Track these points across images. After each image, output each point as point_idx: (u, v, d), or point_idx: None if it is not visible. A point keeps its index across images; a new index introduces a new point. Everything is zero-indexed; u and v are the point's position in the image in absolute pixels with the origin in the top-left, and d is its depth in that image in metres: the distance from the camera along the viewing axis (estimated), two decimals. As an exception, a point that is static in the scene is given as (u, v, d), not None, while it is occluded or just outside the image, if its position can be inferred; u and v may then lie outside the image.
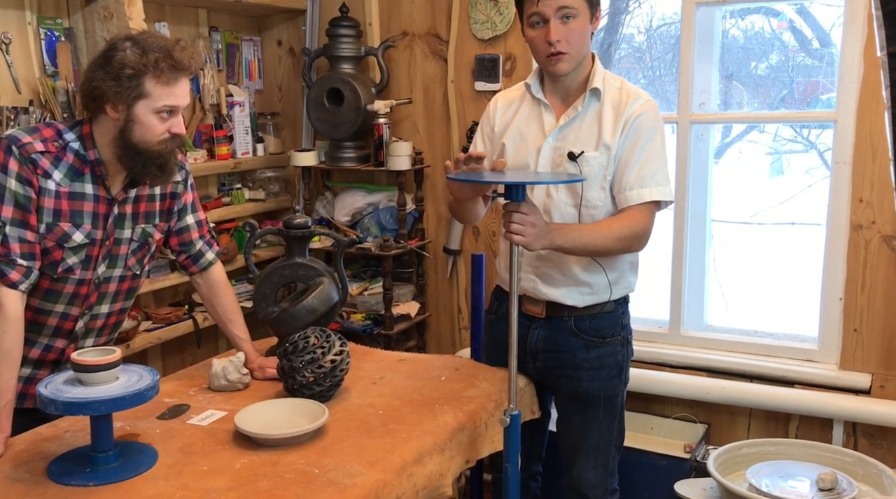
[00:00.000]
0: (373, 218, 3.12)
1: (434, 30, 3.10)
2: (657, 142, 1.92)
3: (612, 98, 1.94)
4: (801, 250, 3.28)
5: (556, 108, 1.99)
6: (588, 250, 1.89)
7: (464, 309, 3.24)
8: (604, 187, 1.93)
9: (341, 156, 3.14)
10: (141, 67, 1.65)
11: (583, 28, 1.86)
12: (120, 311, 1.95)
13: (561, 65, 1.88)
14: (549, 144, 1.96)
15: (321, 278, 2.18)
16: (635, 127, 1.90)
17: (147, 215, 1.91)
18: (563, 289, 2.00)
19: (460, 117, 3.09)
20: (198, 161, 2.98)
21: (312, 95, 3.09)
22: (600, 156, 1.91)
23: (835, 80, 2.51)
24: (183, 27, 3.06)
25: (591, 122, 1.94)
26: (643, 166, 1.90)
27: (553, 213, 1.96)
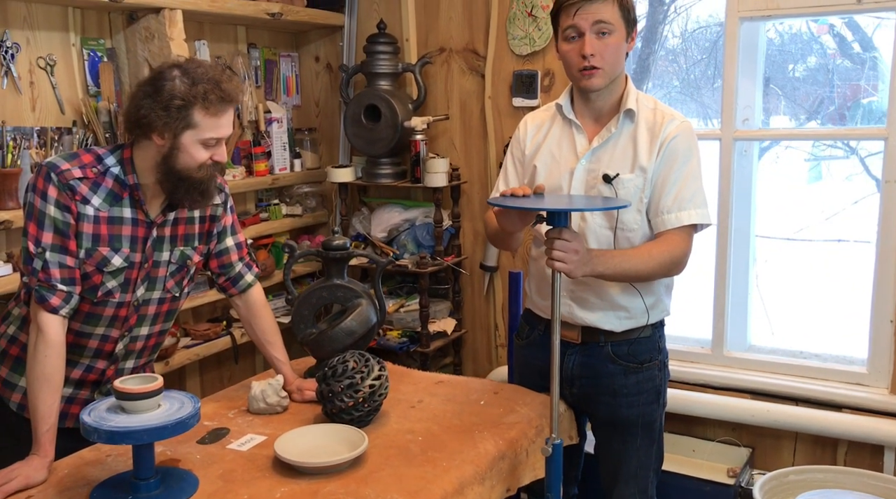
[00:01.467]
0: (409, 234, 3.11)
1: (472, 45, 3.08)
2: (694, 163, 1.88)
3: (646, 119, 1.89)
4: (848, 269, 3.19)
5: (589, 129, 1.94)
6: (629, 277, 1.85)
7: (500, 326, 3.21)
8: (640, 210, 1.89)
9: (378, 172, 3.14)
10: (191, 98, 1.66)
11: (618, 45, 1.82)
12: (159, 333, 1.96)
13: (594, 79, 1.83)
14: (582, 166, 1.92)
15: (360, 300, 2.17)
16: (671, 149, 1.86)
17: (186, 238, 1.91)
18: (599, 313, 1.96)
19: (497, 133, 3.07)
20: (236, 178, 3.00)
21: (350, 112, 3.09)
22: (636, 178, 1.87)
23: (877, 84, 2.43)
24: (222, 44, 3.09)
25: (625, 144, 1.90)
26: (681, 189, 1.86)
27: (588, 236, 1.92)
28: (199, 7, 2.62)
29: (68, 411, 1.85)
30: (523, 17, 2.91)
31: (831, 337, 2.94)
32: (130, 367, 1.93)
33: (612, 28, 1.81)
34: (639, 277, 1.86)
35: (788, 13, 2.54)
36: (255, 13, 2.87)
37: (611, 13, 1.80)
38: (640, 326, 1.97)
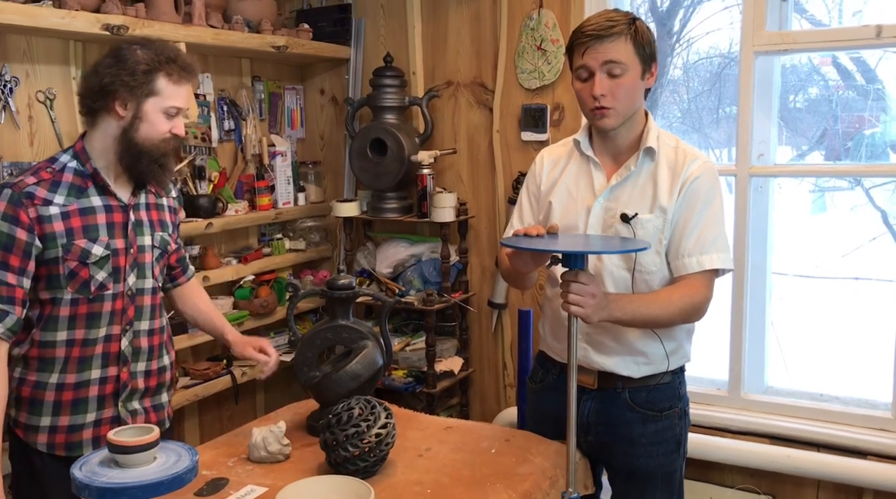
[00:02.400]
0: (415, 270, 3.05)
1: (479, 79, 3.05)
2: (716, 206, 1.81)
3: (667, 158, 1.83)
4: (869, 307, 3.11)
5: (607, 166, 1.88)
6: (647, 323, 1.78)
7: (509, 366, 3.12)
8: (659, 252, 1.82)
9: (384, 206, 3.08)
10: (155, 65, 1.73)
11: (632, 84, 1.76)
12: (160, 329, 1.98)
13: (606, 120, 1.78)
14: (599, 204, 1.86)
15: (365, 342, 2.09)
16: (693, 190, 1.79)
17: (162, 224, 1.96)
18: (616, 358, 1.89)
19: (506, 167, 3.02)
20: (238, 212, 2.94)
21: (355, 146, 3.05)
22: (656, 219, 1.81)
23: (880, 115, 2.38)
24: (226, 77, 3.06)
25: (645, 183, 1.83)
26: (702, 232, 1.79)
27: (605, 277, 1.85)
28: (203, 40, 2.58)
29: (98, 435, 1.86)
30: (532, 50, 2.88)
31: (852, 379, 2.85)
32: (143, 370, 1.92)
33: (625, 68, 1.74)
34: (658, 323, 1.79)
35: (805, 48, 2.50)
36: (260, 46, 2.84)
37: (623, 52, 1.74)
38: (659, 372, 1.89)
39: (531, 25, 2.87)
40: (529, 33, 2.87)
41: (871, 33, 2.36)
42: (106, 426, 1.84)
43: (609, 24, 1.74)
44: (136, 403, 1.93)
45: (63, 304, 1.80)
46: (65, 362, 1.82)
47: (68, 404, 1.84)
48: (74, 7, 2.16)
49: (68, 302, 1.80)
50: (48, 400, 1.82)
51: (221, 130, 3.01)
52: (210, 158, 2.91)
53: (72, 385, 1.83)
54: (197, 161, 2.84)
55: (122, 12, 2.29)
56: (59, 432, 1.84)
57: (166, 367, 2.01)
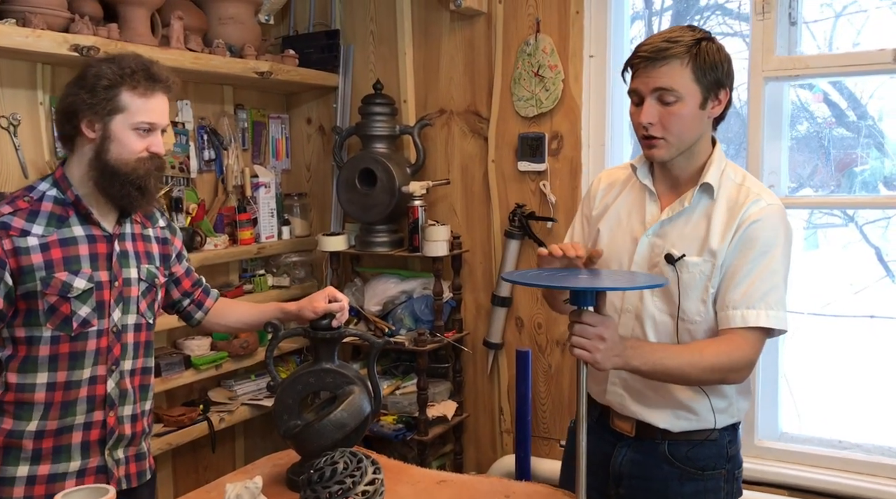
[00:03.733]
0: (406, 308, 2.89)
1: (474, 107, 2.93)
2: (775, 256, 1.59)
3: (727, 196, 1.63)
4: (884, 347, 2.97)
5: (664, 197, 1.70)
6: (672, 377, 1.60)
7: (506, 410, 2.96)
8: (705, 301, 1.63)
9: (373, 240, 2.94)
10: (117, 79, 1.62)
11: (688, 113, 1.57)
12: (143, 370, 1.84)
13: (655, 151, 1.61)
14: (647, 238, 1.68)
15: (351, 387, 1.93)
16: (749, 235, 1.58)
17: (148, 256, 1.83)
18: (655, 410, 1.70)
19: (501, 199, 2.89)
20: (218, 247, 2.79)
21: (343, 176, 2.92)
22: (703, 263, 1.61)
23: (870, 152, 2.35)
24: (207, 105, 2.93)
25: (698, 222, 1.63)
26: (753, 283, 1.57)
27: (645, 320, 1.68)
28: (181, 64, 2.46)
29: (83, 483, 1.70)
30: (529, 77, 2.77)
31: (871, 424, 2.70)
32: (129, 414, 1.79)
33: (679, 96, 1.56)
34: (684, 379, 1.60)
35: (817, 73, 2.40)
36: (243, 72, 2.72)
37: (678, 79, 1.55)
38: (703, 429, 1.70)
39: (528, 51, 2.76)
40: (526, 59, 2.77)
41: (887, 57, 2.27)
42: (91, 477, 1.72)
43: (665, 47, 1.55)
44: (122, 451, 1.78)
45: (42, 342, 1.66)
46: (45, 408, 1.67)
47: (49, 452, 1.69)
48: (40, 26, 2.03)
49: (48, 340, 1.66)
50: (26, 449, 1.67)
51: (201, 159, 2.88)
52: (188, 189, 2.77)
53: (53, 432, 1.69)
54: (174, 192, 2.70)
55: (94, 32, 2.16)
56: (38, 482, 1.68)
57: (147, 412, 1.86)
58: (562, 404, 2.86)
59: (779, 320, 1.59)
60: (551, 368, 2.86)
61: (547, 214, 2.80)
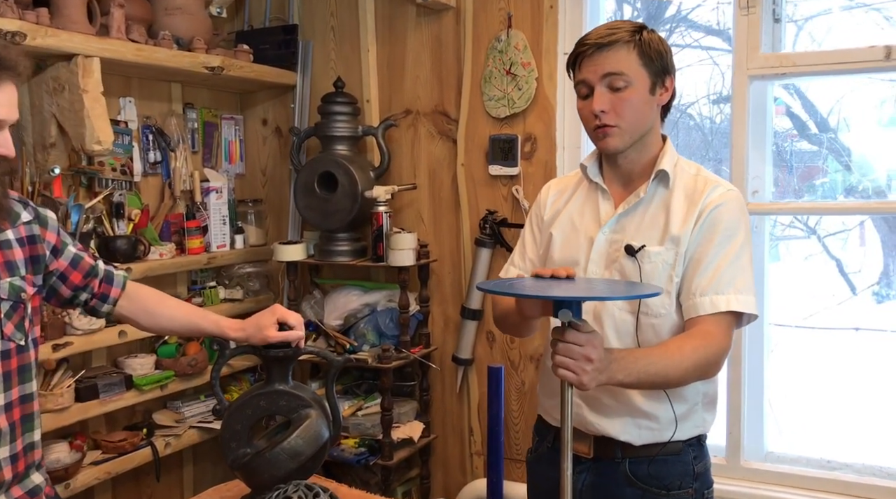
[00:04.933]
0: (369, 322, 2.72)
1: (441, 107, 2.79)
2: (739, 240, 1.55)
3: (684, 185, 1.60)
4: (870, 360, 2.88)
5: (616, 194, 1.66)
6: (655, 383, 1.50)
7: (477, 431, 2.80)
8: (669, 292, 1.56)
9: (333, 249, 2.77)
10: None
11: (638, 98, 1.55)
12: (21, 400, 1.52)
13: (609, 139, 1.57)
14: (604, 235, 1.62)
15: (308, 411, 1.75)
16: (713, 219, 1.55)
17: (8, 266, 1.50)
18: (615, 420, 1.61)
19: (472, 205, 2.75)
20: (164, 257, 2.59)
21: (301, 180, 2.74)
22: (666, 252, 1.56)
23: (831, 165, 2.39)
24: (153, 103, 2.74)
25: (656, 212, 1.60)
26: (720, 268, 1.53)
27: (605, 320, 1.60)
28: (122, 56, 2.27)
29: None
30: (501, 75, 2.63)
31: (860, 442, 2.60)
32: (7, 456, 1.48)
33: (629, 80, 1.53)
34: (668, 382, 1.50)
35: (805, 71, 2.30)
36: (192, 66, 2.53)
37: (625, 62, 1.53)
38: (664, 440, 1.60)
39: (499, 48, 2.63)
40: (497, 56, 2.63)
41: (878, 55, 2.17)
42: None
43: (609, 33, 1.54)
44: (3, 496, 1.52)
45: None
46: None
47: None
48: (-45, 7, 1.83)
49: None
50: None
51: (146, 162, 2.68)
52: (131, 194, 2.57)
53: None
54: (115, 197, 2.50)
55: (20, 16, 1.97)
56: None
57: (35, 443, 1.56)
58: (536, 424, 2.71)
59: (748, 304, 1.54)
60: (525, 386, 2.71)
61: (520, 221, 2.65)
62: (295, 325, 1.72)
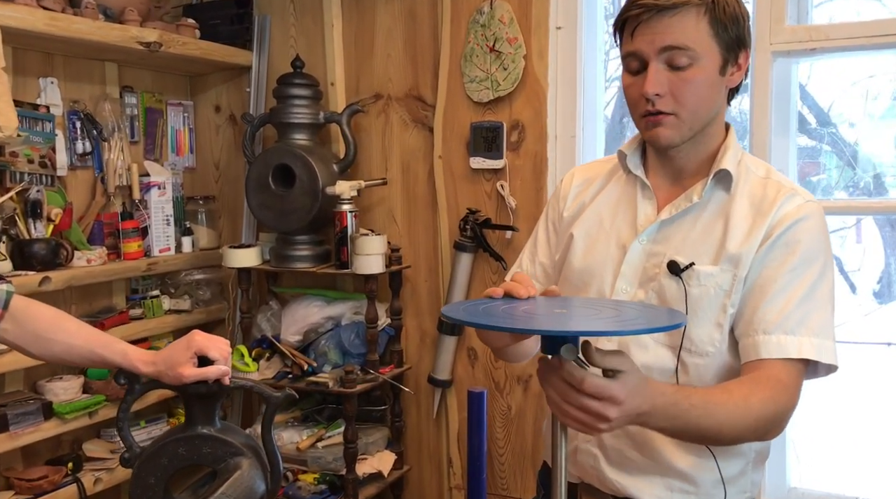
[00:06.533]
0: (332, 338, 2.40)
1: (416, 91, 2.47)
2: (818, 267, 1.23)
3: (751, 191, 1.27)
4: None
5: (662, 193, 1.32)
6: (704, 439, 1.17)
7: (456, 462, 2.49)
8: (721, 325, 1.23)
9: (291, 254, 2.45)
10: None
11: (704, 80, 1.21)
12: None
13: (661, 131, 1.24)
14: (640, 244, 1.29)
15: (238, 460, 1.45)
16: (788, 238, 1.22)
17: None
18: (641, 479, 1.29)
19: (450, 203, 2.43)
20: (92, 262, 2.27)
21: (254, 174, 2.42)
22: (721, 273, 1.23)
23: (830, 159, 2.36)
24: (82, 85, 2.41)
25: (711, 222, 1.26)
26: (792, 300, 1.20)
27: (634, 353, 1.25)
28: (30, 25, 1.94)
29: None
30: (483, 53, 2.31)
31: (891, 475, 2.30)
32: None
33: (695, 56, 1.19)
34: (719, 439, 1.16)
35: (837, 45, 1.98)
36: (122, 41, 2.21)
37: (693, 33, 1.19)
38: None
39: (481, 21, 2.31)
40: (479, 31, 2.31)
41: (928, 26, 1.86)
42: None
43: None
44: None
45: None
46: None
47: None
48: None
49: None
50: None
51: (72, 153, 2.35)
52: (52, 190, 2.24)
53: None
54: (32, 193, 2.17)
55: None
56: None
57: None
58: (524, 455, 2.40)
59: (826, 351, 1.20)
60: (511, 411, 2.40)
61: (506, 222, 2.34)
62: (217, 358, 1.40)
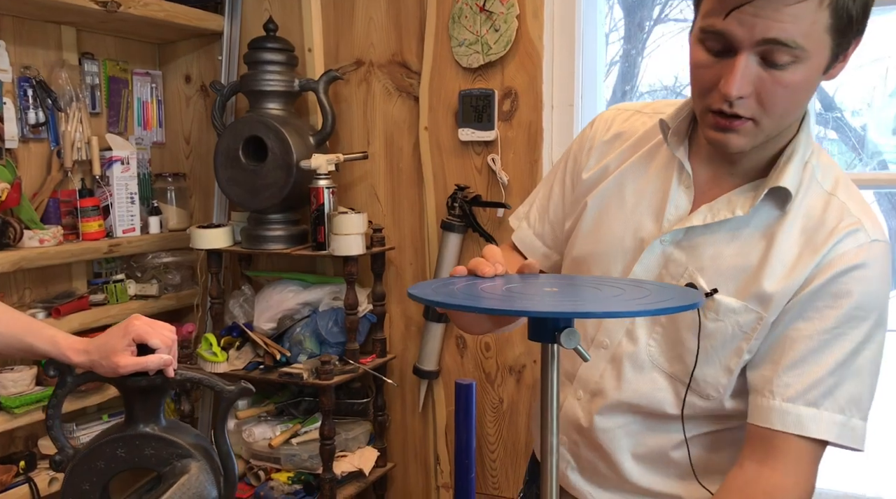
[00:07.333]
0: (308, 326, 2.22)
1: (400, 57, 2.28)
2: (867, 328, 1.00)
3: (808, 209, 1.03)
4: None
5: (702, 183, 1.09)
6: None
7: (444, 458, 2.32)
8: (731, 369, 1.04)
9: (264, 234, 2.27)
10: None
11: (804, 83, 0.94)
12: None
13: (732, 138, 0.98)
14: (661, 245, 1.08)
15: (186, 463, 1.28)
16: (839, 289, 0.99)
17: None
18: (612, 494, 1.17)
19: (438, 179, 2.25)
20: (45, 243, 2.09)
21: (223, 147, 2.23)
22: (745, 312, 1.02)
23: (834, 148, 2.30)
24: (36, 50, 2.22)
25: (750, 243, 1.04)
26: (825, 366, 1.00)
27: (625, 366, 1.10)
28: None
29: None
30: (473, 13, 2.13)
31: None
32: None
33: (801, 55, 0.91)
34: None
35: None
36: None
37: (806, 26, 0.89)
38: None
39: (471, -21, 2.12)
40: (469, -10, 2.13)
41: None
42: None
43: None
44: None
45: None
46: None
47: None
48: None
49: None
50: None
51: (24, 123, 2.17)
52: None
53: None
54: (-25, 166, 1.99)
55: None
56: None
57: None
58: (516, 451, 2.23)
59: (850, 432, 1.00)
60: (503, 404, 2.23)
61: (497, 199, 2.16)
62: (158, 346, 1.23)
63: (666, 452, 1.11)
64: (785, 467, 1.00)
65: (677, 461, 1.11)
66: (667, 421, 1.10)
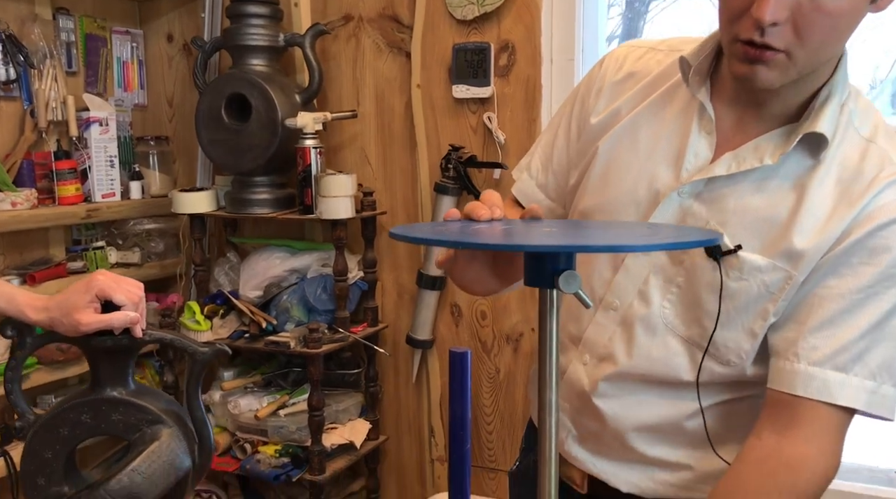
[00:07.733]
0: (295, 293, 2.14)
1: (391, 10, 2.18)
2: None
3: (844, 158, 0.94)
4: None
5: (725, 129, 0.99)
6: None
7: (438, 430, 2.25)
8: (755, 333, 0.96)
9: (249, 198, 2.18)
10: None
11: (850, 11, 0.85)
12: None
13: (762, 71, 0.88)
14: (679, 198, 0.99)
15: (156, 429, 1.20)
16: (877, 244, 0.91)
17: None
18: (615, 464, 1.09)
19: (431, 139, 2.16)
20: (18, 206, 2.00)
21: (205, 106, 2.14)
22: (773, 270, 0.93)
23: None
24: (6, 3, 2.12)
25: (780, 195, 0.95)
26: (857, 328, 0.92)
27: (636, 330, 1.01)
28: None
29: None
30: (468, -37, 2.02)
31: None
32: None
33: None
34: None
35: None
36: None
37: None
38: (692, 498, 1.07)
39: (465, -75, 2.01)
40: (463, -63, 2.02)
41: None
42: None
43: None
44: None
45: None
46: None
47: None
48: None
49: None
50: None
51: (-7, 80, 2.07)
52: (-33, 122, 1.96)
53: None
54: (-58, 124, 1.90)
55: None
56: None
57: None
58: (513, 423, 2.16)
59: (883, 400, 0.92)
60: (499, 374, 2.15)
61: (494, 159, 2.07)
62: (123, 302, 1.14)
63: (677, 421, 1.03)
64: (808, 437, 0.92)
65: (689, 431, 1.03)
66: (680, 388, 1.01)
